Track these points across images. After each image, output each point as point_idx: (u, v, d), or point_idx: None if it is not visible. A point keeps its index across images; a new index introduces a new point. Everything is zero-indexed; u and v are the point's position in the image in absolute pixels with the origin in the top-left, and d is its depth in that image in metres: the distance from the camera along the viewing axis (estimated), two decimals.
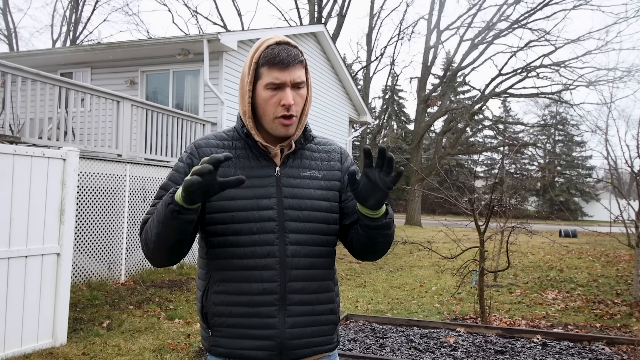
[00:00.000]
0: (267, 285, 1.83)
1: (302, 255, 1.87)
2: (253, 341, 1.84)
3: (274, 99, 1.85)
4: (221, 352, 1.89)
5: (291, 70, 1.84)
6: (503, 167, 8.91)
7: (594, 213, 49.86)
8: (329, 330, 1.97)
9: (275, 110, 1.86)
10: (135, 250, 10.11)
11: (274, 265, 1.84)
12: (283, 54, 1.84)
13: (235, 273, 1.86)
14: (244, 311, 1.84)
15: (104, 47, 14.06)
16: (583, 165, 59.03)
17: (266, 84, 1.85)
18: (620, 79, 29.97)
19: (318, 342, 1.93)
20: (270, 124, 1.89)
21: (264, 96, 1.86)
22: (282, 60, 1.83)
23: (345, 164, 2.06)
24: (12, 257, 5.41)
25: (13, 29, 33.31)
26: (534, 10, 29.39)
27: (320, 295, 1.93)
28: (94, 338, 6.36)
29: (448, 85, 34.54)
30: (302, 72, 1.89)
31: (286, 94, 1.84)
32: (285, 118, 1.86)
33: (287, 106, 1.84)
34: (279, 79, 1.83)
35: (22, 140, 8.39)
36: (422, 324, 6.85)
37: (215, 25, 34.82)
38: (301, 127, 1.96)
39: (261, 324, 1.83)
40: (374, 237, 1.88)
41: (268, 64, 1.85)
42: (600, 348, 5.90)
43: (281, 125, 1.87)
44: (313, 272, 1.90)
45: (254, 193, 1.87)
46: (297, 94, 1.88)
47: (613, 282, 11.87)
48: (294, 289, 1.86)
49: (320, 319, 1.93)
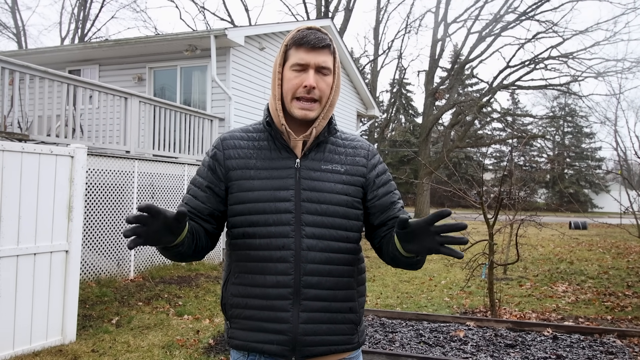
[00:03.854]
0: (282, 278, 1.82)
1: (318, 250, 1.84)
2: (267, 334, 1.84)
3: (297, 80, 1.86)
4: (237, 345, 1.91)
5: (317, 53, 1.86)
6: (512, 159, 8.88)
7: (604, 205, 49.66)
8: (348, 330, 1.92)
9: (296, 91, 1.86)
10: (144, 247, 10.12)
11: (288, 258, 1.82)
12: (311, 36, 1.86)
13: (251, 265, 1.86)
14: (258, 303, 1.85)
15: (112, 44, 14.06)
16: (592, 156, 58.71)
17: (292, 64, 1.87)
18: (629, 69, 29.91)
19: (335, 341, 1.89)
20: (289, 105, 1.89)
21: (288, 76, 1.88)
22: (308, 41, 1.85)
23: (372, 162, 2.02)
24: (20, 255, 5.42)
25: (22, 27, 33.41)
26: (542, 2, 29.15)
27: (338, 292, 1.89)
28: (103, 335, 6.38)
29: (456, 78, 34.36)
30: (329, 58, 1.89)
31: (309, 75, 1.85)
32: (304, 101, 1.86)
33: (308, 88, 1.84)
34: (304, 60, 1.85)
35: (31, 137, 8.41)
36: (432, 318, 6.83)
37: (223, 20, 34.91)
38: (325, 116, 1.92)
39: (275, 318, 1.83)
40: (405, 262, 1.85)
41: (295, 44, 1.87)
42: (612, 341, 5.86)
43: (299, 108, 1.86)
44: (330, 267, 1.86)
45: (272, 184, 1.87)
46: (322, 79, 1.87)
47: (624, 274, 11.81)
48: (308, 284, 1.83)
49: (337, 316, 1.89)
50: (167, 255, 1.83)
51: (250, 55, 14.32)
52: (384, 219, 1.97)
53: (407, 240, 1.68)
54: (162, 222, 1.59)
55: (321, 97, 1.87)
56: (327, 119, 1.94)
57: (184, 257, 1.86)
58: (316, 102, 1.87)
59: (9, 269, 5.32)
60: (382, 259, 2.01)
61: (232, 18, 33.42)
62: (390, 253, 1.86)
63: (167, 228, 1.62)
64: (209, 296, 8.70)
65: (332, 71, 1.90)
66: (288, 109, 1.89)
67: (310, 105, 1.86)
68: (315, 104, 1.87)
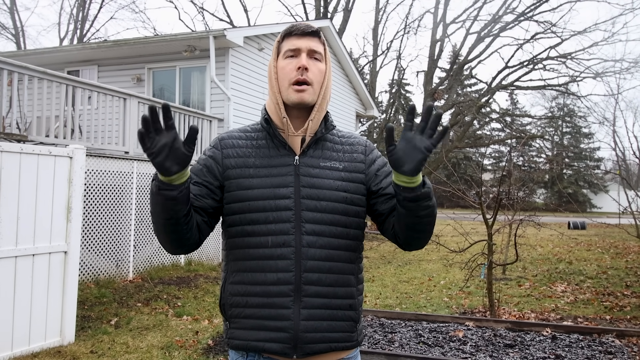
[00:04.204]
0: (282, 275, 1.82)
1: (318, 246, 1.84)
2: (268, 332, 1.84)
3: (291, 65, 1.89)
4: (237, 345, 1.90)
5: (308, 38, 1.91)
6: (511, 159, 8.84)
7: (603, 205, 49.66)
8: (348, 327, 1.92)
9: (290, 75, 1.88)
10: (143, 247, 10.13)
11: (289, 255, 1.82)
12: (301, 25, 1.93)
13: (251, 263, 1.86)
14: (259, 301, 1.84)
15: (111, 45, 14.06)
16: (591, 156, 58.78)
17: (284, 52, 1.92)
18: (627, 70, 29.93)
19: (335, 338, 1.88)
20: (285, 92, 1.89)
21: (282, 65, 1.92)
22: (298, 28, 1.92)
23: (370, 157, 2.01)
24: (19, 256, 5.42)
25: (20, 28, 33.42)
26: (540, 2, 29.17)
27: (338, 289, 1.88)
28: (102, 336, 6.37)
29: (455, 79, 34.36)
30: (320, 46, 1.94)
31: (301, 58, 1.89)
32: (299, 84, 1.87)
33: (302, 68, 1.87)
34: (295, 45, 1.90)
35: (29, 138, 8.41)
36: (431, 318, 6.84)
37: (222, 21, 34.88)
38: (320, 108, 1.93)
39: (276, 315, 1.82)
40: (415, 212, 1.76)
41: (287, 35, 1.94)
42: (610, 340, 5.87)
43: (294, 91, 1.87)
44: (330, 264, 1.86)
45: (272, 182, 1.87)
46: (314, 64, 1.91)
47: (622, 273, 11.82)
48: (309, 280, 1.83)
49: (337, 313, 1.88)
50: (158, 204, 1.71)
51: (249, 56, 14.33)
52: (393, 205, 1.93)
53: (401, 160, 1.66)
54: (174, 137, 1.61)
55: (314, 81, 1.89)
56: (322, 112, 1.94)
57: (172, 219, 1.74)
58: (310, 86, 1.88)
59: (7, 270, 5.31)
60: (399, 243, 1.94)
61: (231, 19, 33.37)
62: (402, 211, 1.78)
63: (175, 149, 1.62)
64: (208, 297, 8.70)
65: (323, 58, 1.95)
66: (285, 97, 1.90)
67: (305, 87, 1.87)
68: (309, 87, 1.88)
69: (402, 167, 1.67)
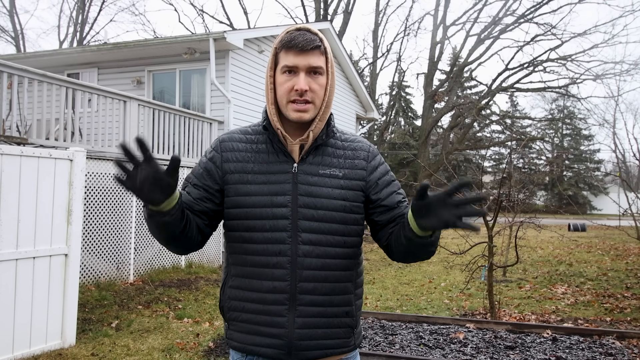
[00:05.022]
0: (278, 284, 1.82)
1: (314, 256, 1.83)
2: (263, 338, 1.84)
3: (288, 83, 1.83)
4: (235, 346, 1.92)
5: (307, 55, 1.82)
6: (511, 161, 8.86)
7: (603, 206, 49.62)
8: (344, 333, 1.91)
9: (288, 95, 1.83)
10: (144, 250, 10.12)
11: (284, 264, 1.81)
12: (299, 38, 1.82)
13: (248, 269, 1.86)
14: (255, 308, 1.84)
15: (111, 47, 14.08)
16: (591, 158, 58.72)
17: (282, 67, 1.84)
18: (627, 72, 29.97)
19: (331, 345, 1.88)
20: (284, 109, 1.86)
21: (280, 80, 1.85)
22: (297, 44, 1.81)
23: (372, 163, 1.97)
24: (20, 259, 5.42)
25: (20, 31, 33.49)
26: (540, 5, 29.20)
27: (334, 298, 1.87)
28: (103, 338, 6.37)
29: (455, 81, 34.37)
30: (320, 59, 1.85)
31: (299, 78, 1.81)
32: (298, 103, 1.83)
33: (300, 91, 1.81)
34: (293, 63, 1.82)
35: (30, 141, 8.41)
36: (432, 320, 6.83)
37: (222, 24, 34.80)
38: (321, 118, 1.89)
39: (271, 322, 1.83)
40: (418, 247, 1.78)
41: (284, 47, 1.84)
42: (611, 342, 5.86)
43: (293, 110, 1.83)
44: (326, 273, 1.85)
45: (269, 189, 1.85)
46: (314, 81, 1.84)
47: (623, 275, 11.81)
48: (304, 290, 1.82)
49: (333, 321, 1.88)
50: (152, 226, 1.75)
51: (249, 59, 14.34)
52: (390, 217, 1.93)
53: (423, 213, 1.64)
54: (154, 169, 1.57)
55: (315, 98, 1.85)
56: (324, 120, 1.91)
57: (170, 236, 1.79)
58: (310, 104, 1.84)
59: (8, 272, 5.31)
60: (391, 257, 1.97)
61: (231, 21, 33.41)
62: (402, 239, 1.79)
63: (158, 181, 1.58)
64: (209, 299, 8.70)
65: (325, 71, 1.87)
66: (284, 112, 1.87)
67: (305, 106, 1.83)
68: (309, 105, 1.83)
69: (420, 219, 1.67)
